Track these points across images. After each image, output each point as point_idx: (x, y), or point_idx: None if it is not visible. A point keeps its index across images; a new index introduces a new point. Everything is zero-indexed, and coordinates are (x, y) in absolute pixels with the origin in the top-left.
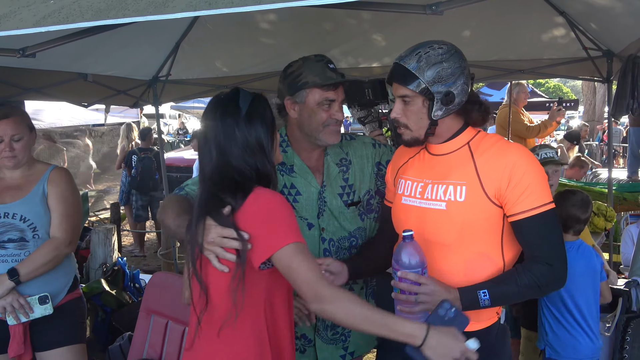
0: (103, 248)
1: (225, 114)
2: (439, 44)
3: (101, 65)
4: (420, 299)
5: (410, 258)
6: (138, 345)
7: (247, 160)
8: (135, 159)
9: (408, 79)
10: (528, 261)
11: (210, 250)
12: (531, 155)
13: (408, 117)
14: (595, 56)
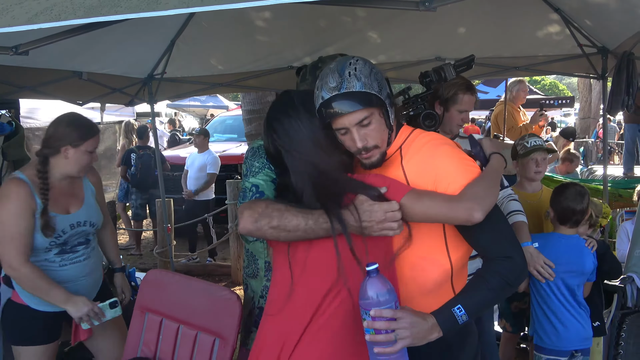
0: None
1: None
2: (353, 59)
3: (96, 63)
4: (400, 335)
5: (381, 294)
6: (132, 343)
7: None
8: (134, 156)
9: (363, 100)
10: (487, 262)
11: (382, 227)
12: (456, 155)
13: (374, 136)
14: (590, 53)
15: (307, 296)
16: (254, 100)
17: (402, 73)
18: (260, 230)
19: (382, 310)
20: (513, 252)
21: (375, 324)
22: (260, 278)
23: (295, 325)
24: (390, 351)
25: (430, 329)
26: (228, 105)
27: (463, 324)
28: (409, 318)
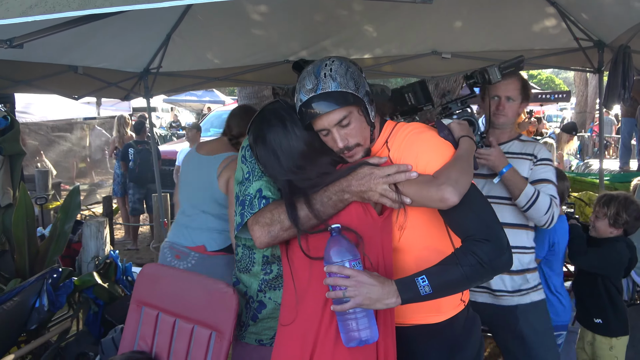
0: (95, 241)
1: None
2: (329, 59)
3: (92, 57)
4: (348, 292)
5: (335, 251)
6: (129, 337)
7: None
8: (133, 151)
9: (340, 99)
10: (464, 242)
11: (382, 194)
12: (435, 140)
13: (355, 134)
14: (587, 46)
15: (317, 301)
16: (250, 94)
17: (399, 67)
18: (277, 238)
19: (332, 266)
20: (491, 235)
21: (326, 280)
22: (255, 272)
23: (312, 333)
24: (340, 309)
25: (387, 293)
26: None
27: (426, 296)
28: (360, 278)
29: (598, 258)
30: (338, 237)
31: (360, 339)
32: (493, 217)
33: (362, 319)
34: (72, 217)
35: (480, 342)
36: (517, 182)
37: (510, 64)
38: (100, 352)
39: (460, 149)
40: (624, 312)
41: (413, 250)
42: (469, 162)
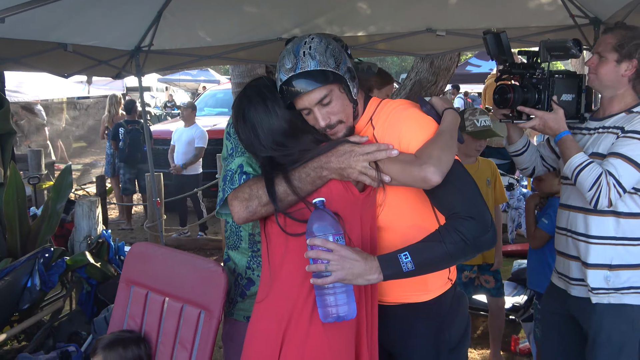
0: (87, 221)
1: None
2: (308, 37)
3: (81, 35)
4: (330, 267)
5: (319, 225)
6: (118, 316)
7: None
8: (123, 131)
9: (319, 78)
10: (448, 220)
11: (362, 172)
12: (418, 115)
13: (336, 112)
14: (582, 24)
15: (292, 278)
16: (243, 72)
17: (393, 44)
18: (255, 214)
19: (315, 239)
20: (475, 212)
21: (308, 253)
22: (243, 250)
23: (287, 310)
24: (321, 283)
25: (369, 269)
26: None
27: (408, 272)
28: (343, 252)
29: None
30: (322, 211)
31: (337, 314)
32: (477, 194)
33: (340, 294)
34: (64, 196)
35: (467, 321)
36: (569, 150)
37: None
38: (92, 331)
39: (443, 123)
40: None
41: (399, 228)
42: (452, 137)
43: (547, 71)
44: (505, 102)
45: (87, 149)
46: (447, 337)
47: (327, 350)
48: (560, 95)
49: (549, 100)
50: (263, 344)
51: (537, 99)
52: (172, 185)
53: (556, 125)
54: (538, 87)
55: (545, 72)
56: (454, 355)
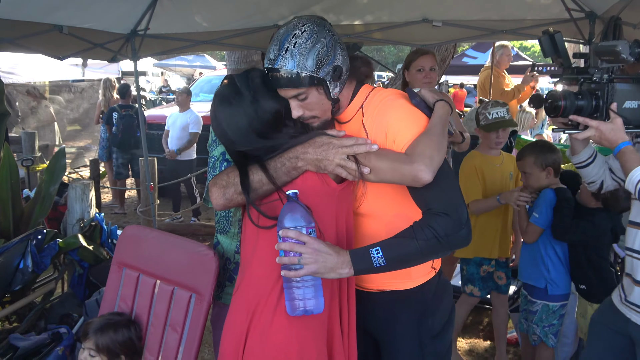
0: (80, 204)
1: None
2: (300, 28)
3: (77, 17)
4: (303, 259)
5: (292, 217)
6: (110, 298)
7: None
8: (116, 116)
9: (293, 81)
10: (423, 215)
11: (339, 164)
12: (406, 110)
13: (311, 109)
14: (578, 17)
15: (262, 269)
16: (239, 59)
17: (389, 34)
18: (232, 201)
19: (288, 231)
20: (450, 209)
21: (281, 245)
22: (232, 234)
23: (254, 301)
24: (294, 275)
25: (341, 263)
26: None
27: (379, 268)
28: (316, 245)
29: (580, 234)
30: (295, 203)
31: (305, 308)
32: (456, 193)
33: (309, 288)
34: (57, 179)
35: (451, 309)
36: (630, 162)
37: None
38: (84, 313)
39: (435, 116)
40: (609, 279)
41: (384, 217)
42: (443, 132)
43: (605, 76)
44: (555, 110)
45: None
46: (430, 325)
47: (292, 342)
48: (623, 103)
49: (608, 108)
50: (232, 334)
51: (593, 107)
52: (166, 170)
53: (614, 136)
54: (596, 94)
55: (604, 77)
56: (437, 342)
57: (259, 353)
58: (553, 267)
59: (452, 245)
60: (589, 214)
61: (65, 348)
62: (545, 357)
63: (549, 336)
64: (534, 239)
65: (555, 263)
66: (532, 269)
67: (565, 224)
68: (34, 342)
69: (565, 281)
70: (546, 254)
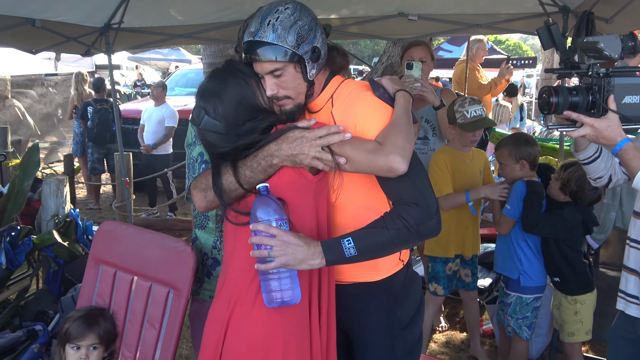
0: (55, 199)
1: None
2: (284, 5)
3: (50, 10)
4: (273, 252)
5: (262, 210)
6: (86, 294)
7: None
8: (91, 110)
9: (272, 52)
10: (394, 206)
11: (315, 157)
12: (373, 102)
13: (285, 87)
14: (552, 12)
15: (242, 263)
16: (215, 53)
17: (365, 28)
18: (213, 203)
19: (258, 225)
20: (420, 199)
21: (252, 239)
22: (209, 230)
23: (236, 291)
24: (264, 268)
25: (312, 254)
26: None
27: (351, 258)
28: (286, 237)
29: (549, 227)
30: (265, 196)
31: (282, 299)
32: (426, 183)
33: (285, 279)
34: (31, 174)
35: (420, 300)
36: (634, 160)
37: None
38: (59, 310)
39: (397, 107)
40: (583, 271)
41: (351, 208)
42: (408, 121)
43: (603, 70)
44: (548, 107)
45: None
46: (399, 316)
47: (271, 332)
48: (622, 98)
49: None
50: (214, 326)
51: (590, 103)
52: (142, 165)
53: (611, 133)
54: (592, 89)
55: (601, 71)
56: (407, 334)
57: (237, 343)
58: (525, 258)
59: (422, 235)
60: (558, 208)
61: (41, 345)
62: (520, 349)
63: (522, 328)
64: (507, 230)
65: (527, 254)
66: (507, 260)
67: (534, 216)
68: (9, 339)
69: (538, 273)
70: (518, 246)
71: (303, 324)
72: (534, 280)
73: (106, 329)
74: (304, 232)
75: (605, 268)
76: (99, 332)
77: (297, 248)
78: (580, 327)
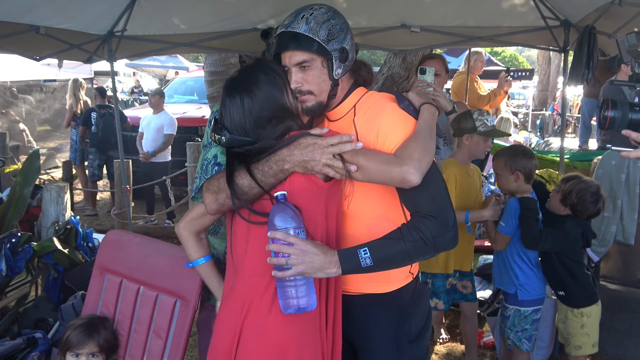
0: (55, 206)
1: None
2: (319, 5)
3: (54, 17)
4: (291, 260)
5: (280, 218)
6: (91, 303)
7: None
8: (95, 115)
9: (303, 43)
10: (411, 217)
11: (326, 164)
12: (397, 113)
13: (310, 82)
14: (553, 25)
15: (254, 267)
16: (217, 62)
17: (368, 39)
18: (224, 206)
19: (276, 232)
20: (438, 212)
21: (270, 246)
22: (222, 235)
23: (248, 300)
24: (281, 275)
25: (329, 263)
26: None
27: (367, 268)
28: (303, 246)
29: (550, 242)
30: (283, 204)
31: (298, 306)
32: (444, 196)
33: (301, 286)
34: (31, 181)
35: (428, 313)
36: None
37: None
38: (59, 318)
39: (421, 120)
40: (587, 283)
41: (365, 217)
42: (430, 135)
43: None
44: (603, 121)
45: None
46: (407, 329)
47: (287, 339)
48: None
49: None
50: (225, 331)
51: None
52: (140, 172)
53: None
54: None
55: None
56: (414, 347)
57: (253, 347)
58: (521, 272)
59: (438, 248)
60: (559, 222)
61: (40, 354)
62: None
63: (522, 341)
64: (503, 247)
65: (523, 268)
66: (503, 274)
67: (534, 233)
68: (9, 347)
69: (536, 286)
70: (513, 261)
71: (315, 332)
72: (531, 294)
73: (106, 338)
74: (314, 238)
75: (606, 281)
76: (99, 340)
77: (315, 257)
78: (587, 340)
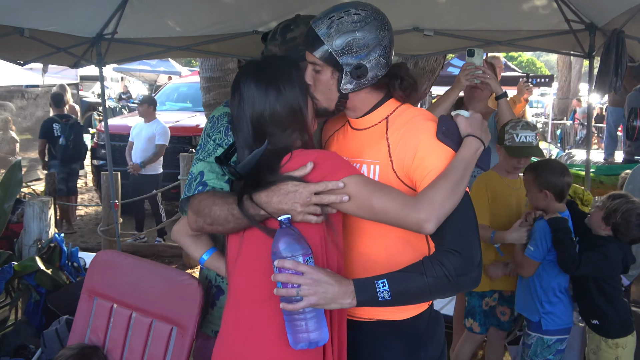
0: (38, 223)
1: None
2: (357, 9)
3: (40, 19)
4: (302, 291)
5: (287, 245)
6: (79, 329)
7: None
8: (58, 127)
9: (316, 45)
10: (436, 251)
11: (306, 212)
12: (434, 140)
13: (316, 86)
14: (578, 29)
15: (253, 297)
16: (214, 66)
17: None
18: (202, 229)
19: (285, 261)
20: (464, 248)
21: (277, 276)
22: None
23: (254, 328)
24: (292, 308)
25: (343, 294)
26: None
27: (384, 302)
28: (316, 275)
29: (591, 267)
30: (288, 229)
31: (309, 340)
32: (473, 230)
33: (311, 319)
34: (12, 195)
35: (443, 341)
36: None
37: None
38: (42, 345)
39: (460, 154)
40: (624, 311)
41: (385, 239)
42: (464, 175)
43: None
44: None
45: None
46: (422, 357)
47: None
48: None
49: None
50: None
51: None
52: (129, 185)
53: None
54: None
55: None
56: None
57: None
58: (547, 300)
59: (460, 287)
60: (601, 245)
61: None
62: None
63: None
64: (531, 272)
65: (549, 296)
66: (527, 300)
67: (573, 257)
68: None
69: (563, 314)
70: (540, 287)
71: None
72: (556, 323)
73: None
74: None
75: (636, 307)
76: None
77: (328, 286)
78: None
